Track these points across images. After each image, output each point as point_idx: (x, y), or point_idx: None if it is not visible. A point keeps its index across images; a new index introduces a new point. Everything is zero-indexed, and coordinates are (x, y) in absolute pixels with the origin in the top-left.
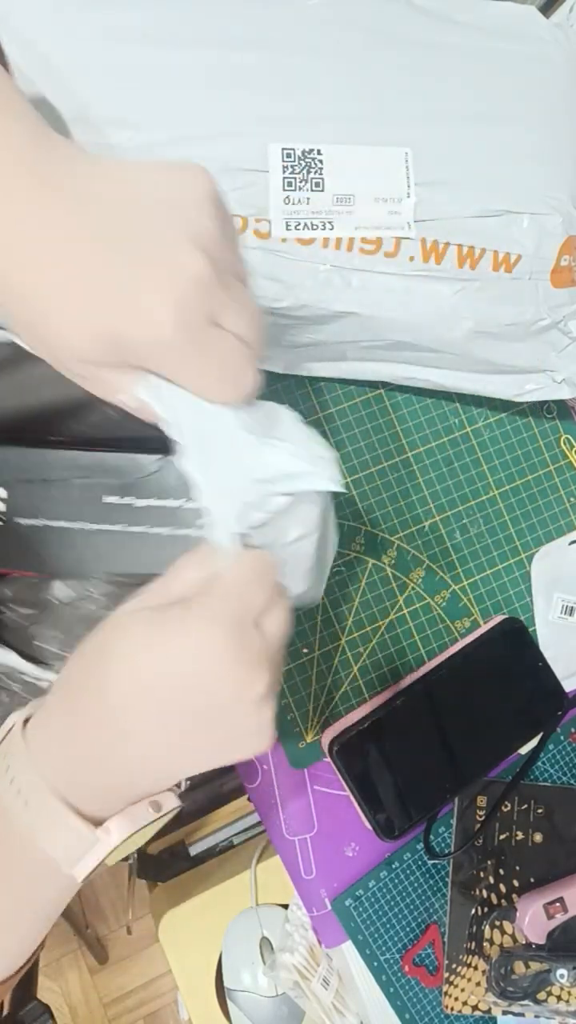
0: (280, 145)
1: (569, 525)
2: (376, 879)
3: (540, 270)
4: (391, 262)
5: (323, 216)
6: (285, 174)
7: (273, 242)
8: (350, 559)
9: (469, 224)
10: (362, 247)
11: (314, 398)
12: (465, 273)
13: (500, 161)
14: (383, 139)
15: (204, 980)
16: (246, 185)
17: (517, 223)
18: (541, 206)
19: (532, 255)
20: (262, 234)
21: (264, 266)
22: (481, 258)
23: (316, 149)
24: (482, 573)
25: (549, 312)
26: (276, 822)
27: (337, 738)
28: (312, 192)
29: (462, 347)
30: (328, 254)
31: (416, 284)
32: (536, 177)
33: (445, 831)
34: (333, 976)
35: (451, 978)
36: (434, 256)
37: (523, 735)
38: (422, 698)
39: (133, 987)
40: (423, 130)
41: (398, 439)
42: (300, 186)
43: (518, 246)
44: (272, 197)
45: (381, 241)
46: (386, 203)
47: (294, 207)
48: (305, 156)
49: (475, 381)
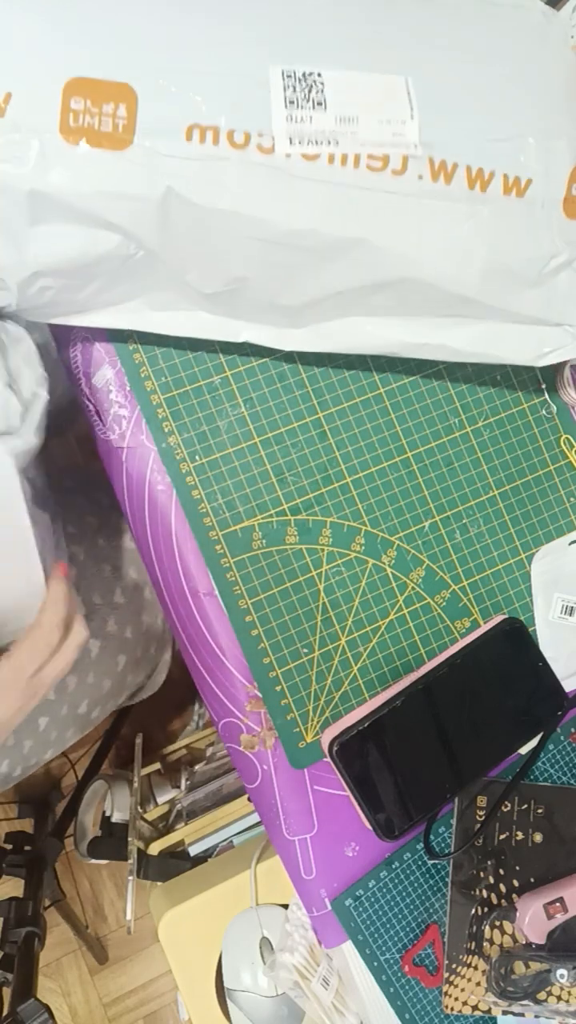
0: (280, 67)
1: (569, 525)
2: (376, 879)
3: (552, 197)
4: (399, 180)
5: (327, 134)
6: (286, 92)
7: (277, 158)
8: (350, 559)
9: (476, 145)
10: (369, 164)
11: (314, 398)
12: (476, 195)
13: (500, 87)
14: (384, 67)
15: (204, 980)
16: (248, 101)
17: (524, 145)
18: (545, 129)
19: (543, 180)
20: (265, 149)
21: (270, 186)
22: (491, 180)
23: (317, 72)
24: (482, 573)
25: (565, 246)
26: (276, 822)
27: (337, 738)
28: (314, 111)
29: (475, 288)
30: (335, 171)
31: (427, 205)
32: (537, 102)
33: (445, 831)
34: (333, 976)
35: (451, 978)
36: (443, 176)
37: (523, 735)
38: (422, 698)
39: (133, 987)
40: (424, 61)
41: (398, 439)
42: (302, 104)
43: (528, 170)
44: (275, 113)
45: (388, 158)
46: (390, 124)
47: (297, 125)
48: (306, 78)
49: (490, 342)
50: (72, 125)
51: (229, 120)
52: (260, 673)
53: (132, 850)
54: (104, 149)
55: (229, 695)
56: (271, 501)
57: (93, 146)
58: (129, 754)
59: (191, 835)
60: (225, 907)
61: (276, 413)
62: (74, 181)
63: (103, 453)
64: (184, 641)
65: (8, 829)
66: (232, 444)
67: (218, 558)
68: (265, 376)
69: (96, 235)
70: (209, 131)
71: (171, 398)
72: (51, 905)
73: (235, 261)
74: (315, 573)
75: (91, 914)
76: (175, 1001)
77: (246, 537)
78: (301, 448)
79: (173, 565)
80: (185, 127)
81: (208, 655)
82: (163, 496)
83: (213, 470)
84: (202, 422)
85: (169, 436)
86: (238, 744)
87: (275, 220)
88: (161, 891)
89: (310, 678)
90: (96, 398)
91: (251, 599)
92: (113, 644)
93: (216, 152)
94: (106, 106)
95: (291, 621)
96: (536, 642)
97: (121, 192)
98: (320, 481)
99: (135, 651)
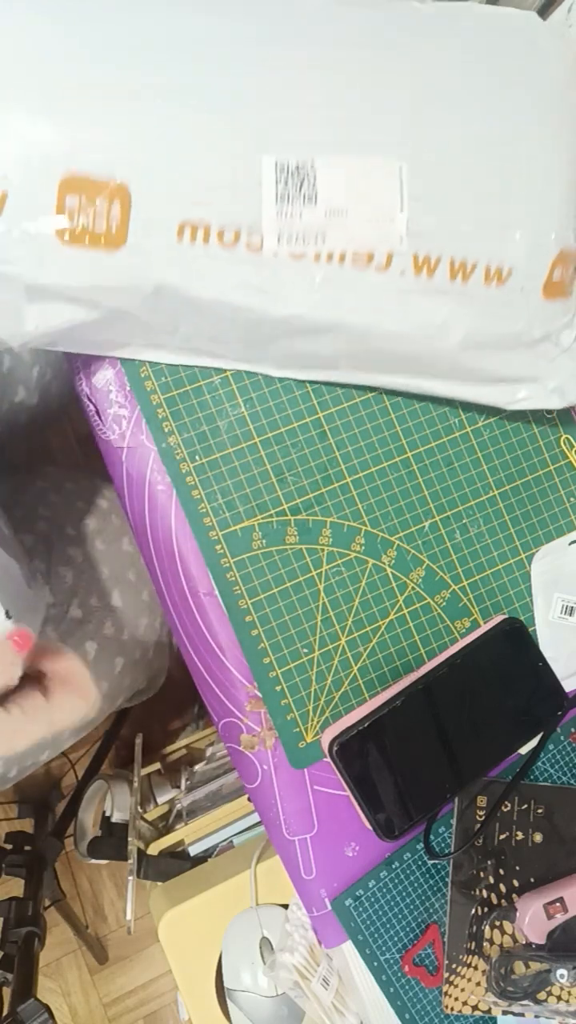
0: (273, 158)
1: (569, 525)
2: (376, 879)
3: (532, 284)
4: (382, 276)
5: (316, 230)
6: (278, 187)
7: (265, 256)
8: (350, 559)
9: (462, 238)
10: (354, 260)
11: (314, 398)
12: (456, 287)
13: (494, 175)
14: (379, 147)
15: (204, 980)
16: (239, 199)
17: (510, 237)
18: (534, 221)
19: (524, 269)
20: (254, 247)
21: (255, 279)
22: (473, 271)
23: (310, 161)
24: (482, 573)
25: (541, 324)
26: (276, 822)
27: (337, 738)
28: (305, 206)
29: (453, 357)
30: (320, 267)
31: (408, 298)
32: (530, 192)
33: (445, 831)
34: (333, 976)
35: (451, 978)
36: (426, 269)
37: (523, 735)
38: (422, 698)
39: (133, 987)
40: (418, 143)
41: (398, 439)
42: (293, 199)
43: (510, 260)
44: (265, 210)
45: (373, 255)
46: (379, 217)
47: (287, 221)
48: (299, 169)
49: (467, 390)
50: (68, 225)
51: (220, 218)
52: (260, 673)
53: (132, 850)
54: (98, 250)
55: (229, 695)
56: (271, 501)
57: (88, 247)
58: (129, 754)
59: (191, 835)
60: (225, 907)
61: (276, 413)
62: (69, 279)
63: (103, 453)
64: (184, 641)
65: (8, 829)
66: (232, 444)
67: (218, 558)
68: (265, 376)
69: (91, 312)
70: (200, 230)
71: (171, 398)
72: (51, 905)
73: (222, 330)
74: (315, 573)
75: (91, 914)
76: (175, 1001)
77: (246, 537)
78: (301, 448)
79: (173, 565)
80: (177, 225)
81: (208, 655)
82: (163, 496)
83: (213, 470)
84: (202, 422)
85: (169, 436)
86: (238, 744)
87: (260, 309)
88: (161, 891)
89: (310, 678)
90: (96, 398)
91: (251, 599)
92: (110, 647)
93: (206, 251)
94: (100, 203)
95: (291, 621)
96: (536, 642)
97: (114, 287)
98: (320, 481)
99: (132, 654)
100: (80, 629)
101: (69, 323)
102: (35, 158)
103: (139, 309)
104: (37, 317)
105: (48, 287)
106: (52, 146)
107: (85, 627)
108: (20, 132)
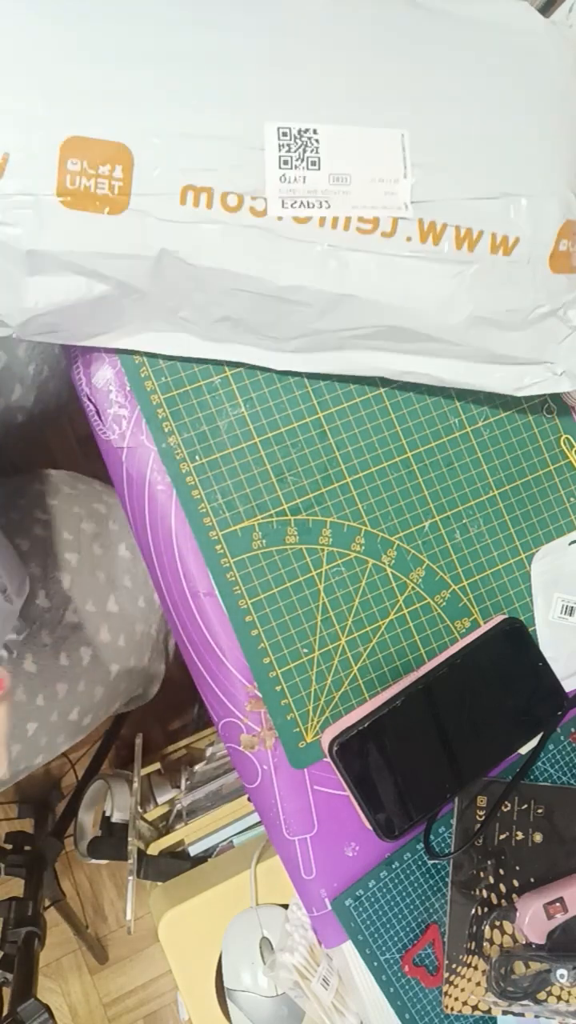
0: (276, 124)
1: (569, 525)
2: (376, 879)
3: (538, 254)
4: (388, 242)
5: (319, 195)
6: (281, 152)
7: (269, 220)
8: (350, 559)
9: (467, 206)
10: (359, 227)
11: (314, 398)
12: (463, 255)
13: (497, 144)
14: (380, 121)
15: (204, 980)
16: (242, 163)
17: (515, 205)
18: (538, 189)
19: (530, 238)
20: (258, 212)
21: (260, 246)
22: (479, 240)
23: (312, 128)
24: (482, 573)
25: (548, 298)
26: (276, 822)
27: (337, 738)
28: (308, 171)
29: (461, 334)
30: (325, 233)
31: (414, 266)
32: (533, 160)
33: (445, 831)
34: (333, 976)
35: (451, 978)
36: (431, 237)
37: (523, 735)
38: (422, 698)
39: (133, 987)
40: (420, 114)
41: (398, 439)
42: (296, 164)
43: (516, 229)
44: (268, 175)
45: (378, 221)
46: (383, 183)
47: (290, 185)
48: (301, 135)
49: (474, 374)
50: (69, 187)
51: (223, 182)
52: (260, 673)
53: (132, 850)
54: (100, 213)
55: (229, 695)
56: (271, 501)
57: (90, 210)
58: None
59: (191, 835)
60: (225, 907)
61: (276, 413)
62: (70, 243)
63: (103, 453)
64: (184, 641)
65: (8, 829)
66: (232, 444)
67: (218, 558)
68: (265, 376)
69: (92, 284)
70: (203, 193)
71: (171, 398)
72: (51, 905)
73: (227, 306)
74: (315, 573)
75: (91, 914)
76: (175, 1001)
77: (246, 537)
78: (301, 448)
79: (173, 565)
80: (180, 189)
81: (208, 655)
82: (163, 496)
83: (213, 470)
84: (202, 422)
85: (169, 436)
86: (238, 744)
87: (265, 278)
88: (161, 891)
89: (310, 678)
90: (96, 398)
91: (251, 599)
92: (106, 652)
93: (210, 216)
94: (102, 167)
95: (291, 621)
96: (536, 642)
97: (116, 253)
98: (320, 481)
99: (128, 660)
100: (75, 634)
101: (71, 298)
102: (37, 121)
103: (142, 280)
104: (37, 292)
105: (49, 252)
106: (54, 109)
107: (80, 632)
108: (22, 95)
